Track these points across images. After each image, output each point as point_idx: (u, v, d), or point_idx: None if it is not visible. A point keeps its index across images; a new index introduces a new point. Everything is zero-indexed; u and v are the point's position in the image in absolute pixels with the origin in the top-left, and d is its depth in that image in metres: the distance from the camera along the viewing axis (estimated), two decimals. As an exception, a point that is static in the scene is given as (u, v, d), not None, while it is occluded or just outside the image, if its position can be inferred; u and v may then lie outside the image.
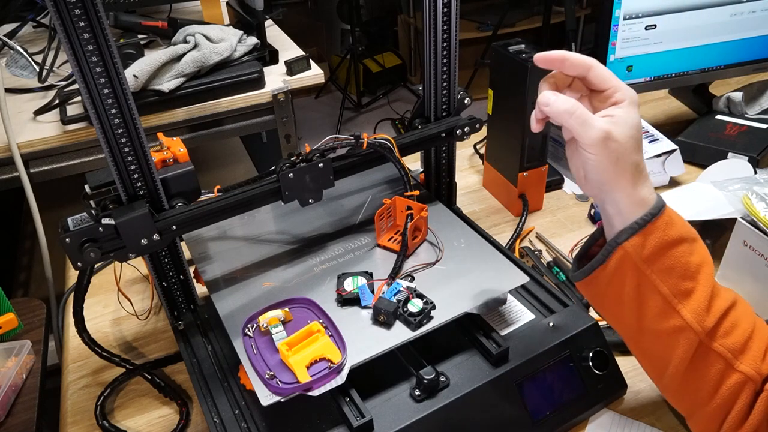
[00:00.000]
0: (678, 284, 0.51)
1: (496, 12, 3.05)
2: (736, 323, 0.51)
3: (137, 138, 0.59)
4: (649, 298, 0.52)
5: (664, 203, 0.52)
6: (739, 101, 1.17)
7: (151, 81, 1.13)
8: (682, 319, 0.51)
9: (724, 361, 0.50)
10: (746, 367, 0.50)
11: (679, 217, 0.53)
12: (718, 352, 0.51)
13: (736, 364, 0.50)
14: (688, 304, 0.51)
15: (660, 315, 0.52)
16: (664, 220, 0.51)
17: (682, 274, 0.51)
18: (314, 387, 0.56)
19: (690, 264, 0.51)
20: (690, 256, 0.51)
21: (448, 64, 0.75)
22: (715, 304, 0.51)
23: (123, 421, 0.71)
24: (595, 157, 0.50)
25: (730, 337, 0.51)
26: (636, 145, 0.51)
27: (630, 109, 0.51)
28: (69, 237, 0.58)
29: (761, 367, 0.50)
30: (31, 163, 1.12)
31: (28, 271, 1.53)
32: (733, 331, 0.51)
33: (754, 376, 0.50)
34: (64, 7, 0.51)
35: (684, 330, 0.51)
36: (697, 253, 0.52)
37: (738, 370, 0.50)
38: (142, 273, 0.91)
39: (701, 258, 0.52)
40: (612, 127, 0.50)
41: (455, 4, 0.71)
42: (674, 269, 0.51)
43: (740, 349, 0.50)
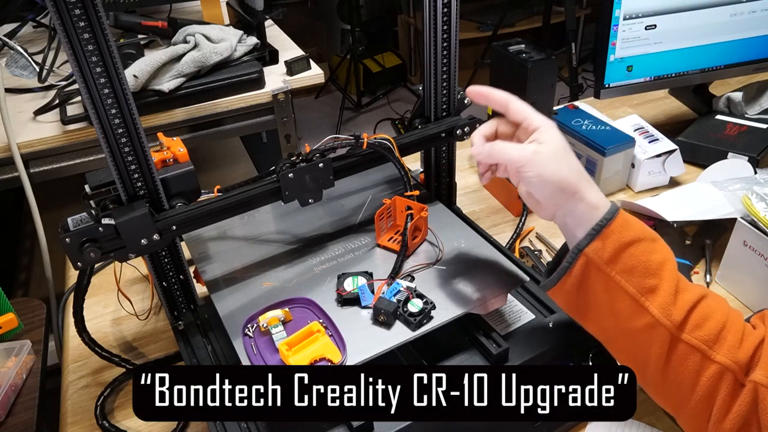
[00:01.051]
0: (642, 282, 0.53)
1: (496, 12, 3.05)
2: (707, 315, 0.53)
3: (137, 138, 0.59)
4: (617, 300, 0.54)
5: (617, 207, 0.56)
6: (739, 101, 1.17)
7: (151, 81, 1.13)
8: (651, 316, 0.52)
9: (699, 353, 0.51)
10: (722, 357, 0.51)
11: (635, 219, 0.56)
12: (692, 344, 0.52)
13: (711, 355, 0.51)
14: (655, 300, 0.53)
15: (631, 315, 0.53)
16: (619, 222, 0.54)
17: (644, 272, 0.53)
18: (314, 387, 0.56)
19: (651, 262, 0.53)
20: (650, 254, 0.54)
21: (448, 64, 0.75)
22: (681, 298, 0.53)
23: (123, 421, 0.71)
24: (533, 172, 0.55)
25: (702, 329, 0.52)
26: (565, 151, 0.56)
27: (549, 130, 0.57)
28: (69, 237, 0.58)
29: (738, 356, 0.51)
30: (31, 163, 1.12)
31: (28, 271, 1.53)
32: (704, 323, 0.52)
33: (730, 365, 0.51)
34: (64, 7, 0.51)
35: (655, 326, 0.52)
36: (658, 251, 0.55)
37: (714, 360, 0.51)
38: (142, 273, 0.91)
39: (662, 256, 0.55)
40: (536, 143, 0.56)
41: (455, 4, 0.71)
42: (636, 268, 0.53)
43: (714, 339, 0.51)
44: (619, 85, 1.10)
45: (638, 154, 1.03)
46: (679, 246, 0.90)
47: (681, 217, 0.88)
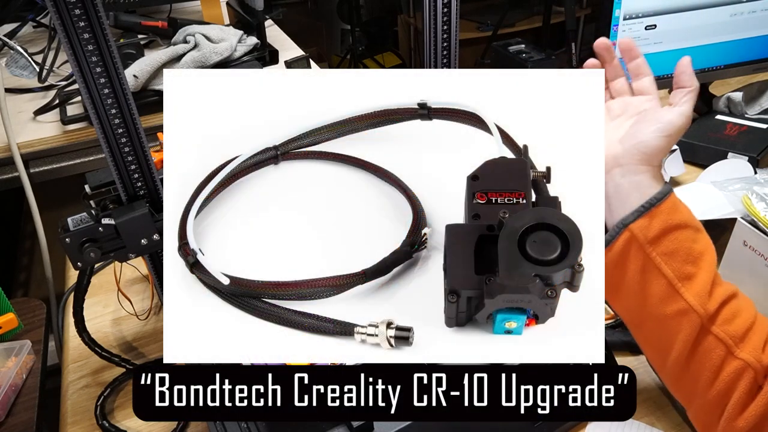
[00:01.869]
0: (681, 267, 0.52)
1: (496, 12, 3.05)
2: (737, 312, 0.52)
3: (137, 138, 0.59)
4: (652, 282, 0.53)
5: (671, 188, 0.54)
6: (739, 101, 1.17)
7: (151, 81, 1.13)
8: (685, 302, 0.51)
9: (724, 347, 0.51)
10: (746, 355, 0.51)
11: (684, 206, 0.55)
12: (720, 337, 0.51)
13: (736, 351, 0.51)
14: (691, 287, 0.52)
15: (663, 299, 0.52)
16: (669, 204, 0.53)
17: (685, 258, 0.52)
18: (314, 387, 0.56)
19: (693, 250, 0.53)
20: (693, 242, 0.53)
21: (448, 64, 0.75)
22: (716, 291, 0.52)
23: (123, 421, 0.71)
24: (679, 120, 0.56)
25: (732, 325, 0.51)
26: None
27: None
28: (69, 237, 0.58)
29: (761, 357, 0.51)
30: (31, 163, 1.12)
31: (28, 271, 1.53)
32: (734, 319, 0.52)
33: (753, 363, 0.50)
34: (64, 7, 0.51)
35: (687, 313, 0.52)
36: (701, 241, 0.54)
37: (738, 357, 0.51)
38: (142, 273, 0.91)
39: (704, 246, 0.54)
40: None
41: (455, 4, 0.71)
42: (677, 252, 0.52)
43: (740, 337, 0.51)
44: (619, 85, 1.10)
45: (638, 154, 1.02)
46: (679, 246, 0.90)
47: (681, 217, 0.88)
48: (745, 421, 0.50)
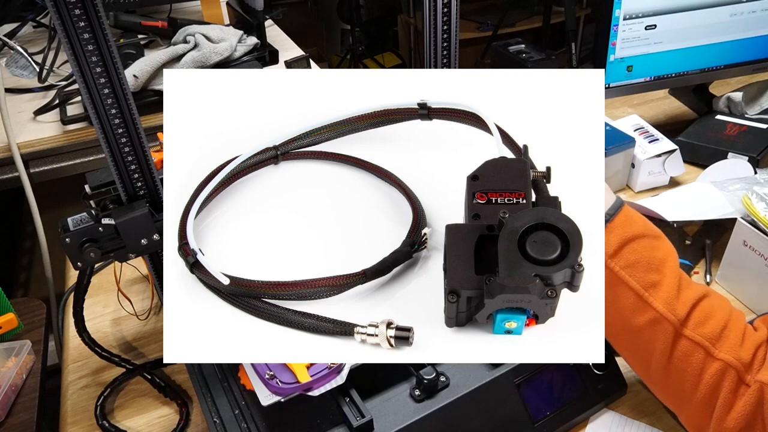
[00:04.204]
0: (645, 277, 0.53)
1: (496, 12, 3.05)
2: (709, 313, 0.53)
3: (137, 138, 0.59)
4: (620, 295, 0.54)
5: (622, 202, 0.56)
6: (739, 101, 1.17)
7: (151, 81, 1.13)
8: (654, 311, 0.52)
9: (702, 350, 0.52)
10: (725, 355, 0.51)
11: (639, 216, 0.57)
12: (695, 341, 0.52)
13: (714, 352, 0.51)
14: (659, 295, 0.53)
15: (634, 310, 0.54)
16: (622, 218, 0.55)
17: (646, 267, 0.54)
18: (314, 387, 0.56)
19: (654, 257, 0.54)
20: (653, 250, 0.54)
21: (448, 64, 0.75)
22: (684, 294, 0.53)
23: (123, 421, 0.71)
24: None
25: (706, 327, 0.52)
26: None
27: None
28: (69, 237, 0.58)
29: (740, 354, 0.51)
30: (31, 163, 1.12)
31: (28, 271, 1.53)
32: (707, 320, 0.52)
33: (733, 362, 0.51)
34: (64, 7, 0.51)
35: (659, 321, 0.52)
36: (661, 248, 0.55)
37: (717, 358, 0.51)
38: (142, 273, 0.91)
39: (665, 253, 0.55)
40: None
41: (455, 4, 0.71)
42: (639, 263, 0.54)
43: (716, 337, 0.52)
44: (619, 85, 1.10)
45: (638, 154, 1.03)
46: (679, 246, 0.90)
47: (681, 217, 0.88)
48: (734, 421, 0.50)
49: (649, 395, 0.70)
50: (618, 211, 0.55)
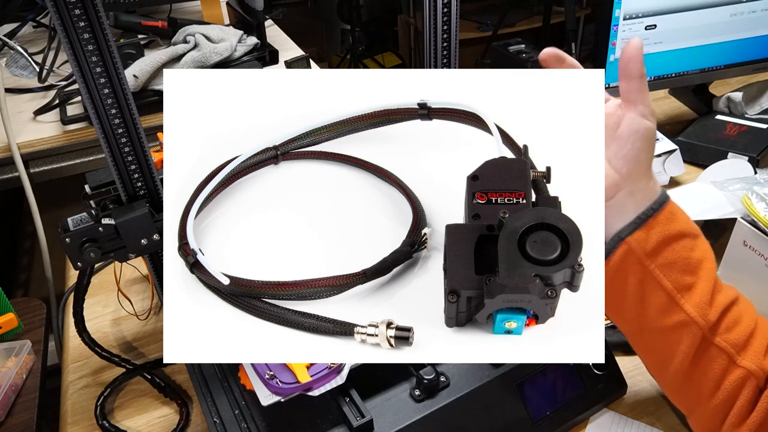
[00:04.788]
0: (680, 278, 0.51)
1: (496, 12, 3.05)
2: (738, 319, 0.51)
3: (137, 138, 0.59)
4: (651, 294, 0.52)
5: (667, 197, 0.53)
6: (739, 101, 1.17)
7: (151, 81, 1.13)
8: (685, 314, 0.51)
9: (726, 356, 0.50)
10: (748, 363, 0.50)
11: (681, 212, 0.54)
12: (721, 347, 0.50)
13: (738, 359, 0.50)
14: (691, 298, 0.51)
15: (663, 311, 0.52)
16: (666, 214, 0.52)
17: (683, 268, 0.51)
18: (314, 387, 0.56)
19: (691, 259, 0.51)
20: (691, 251, 0.52)
21: (448, 64, 0.75)
22: (717, 299, 0.51)
23: (123, 421, 0.71)
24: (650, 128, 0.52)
25: (733, 333, 0.51)
26: None
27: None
28: (69, 237, 0.58)
29: (763, 363, 0.50)
30: (31, 163, 1.12)
31: (28, 271, 1.53)
32: (735, 327, 0.51)
33: (756, 371, 0.50)
34: (64, 7, 0.51)
35: (688, 325, 0.51)
36: (699, 248, 0.53)
37: (740, 365, 0.50)
38: (142, 273, 0.91)
39: (702, 253, 0.53)
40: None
41: (455, 4, 0.71)
42: (676, 263, 0.51)
43: (742, 345, 0.51)
44: (619, 85, 1.10)
45: (638, 154, 1.02)
46: (679, 246, 0.90)
47: (681, 217, 0.88)
48: (748, 428, 0.50)
49: (649, 395, 0.70)
50: (662, 206, 0.52)
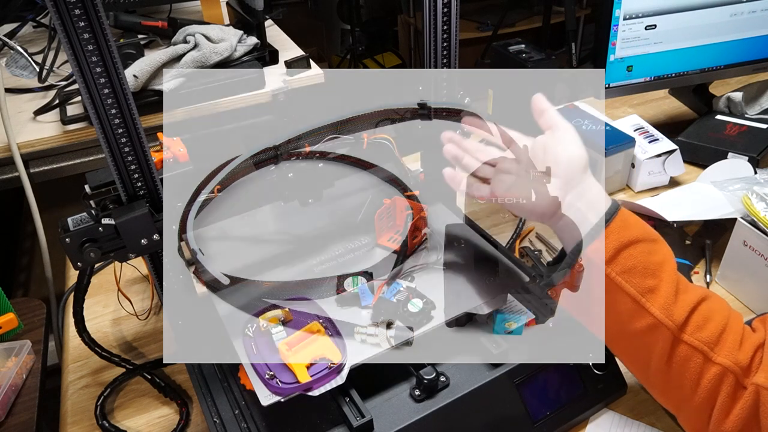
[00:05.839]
0: (642, 282, 0.53)
1: (496, 12, 3.05)
2: (708, 317, 0.53)
3: (137, 138, 0.59)
4: (618, 300, 0.54)
5: (618, 205, 0.55)
6: (739, 101, 1.17)
7: (151, 81, 1.13)
8: (652, 317, 0.52)
9: (701, 354, 0.52)
10: (723, 359, 0.51)
11: (635, 219, 0.56)
12: (694, 345, 0.52)
13: (713, 356, 0.51)
14: (656, 300, 0.52)
15: (631, 315, 0.53)
16: (618, 223, 0.54)
17: (643, 272, 0.53)
18: (314, 387, 0.56)
19: (651, 262, 0.53)
20: (650, 255, 0.54)
21: (448, 64, 0.75)
22: (682, 299, 0.53)
23: (123, 421, 0.71)
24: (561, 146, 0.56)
25: (704, 331, 0.52)
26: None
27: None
28: (69, 237, 0.58)
29: (738, 357, 0.51)
30: (31, 163, 1.12)
31: (28, 271, 1.53)
32: (705, 324, 0.52)
33: (731, 366, 0.51)
34: (64, 7, 0.51)
35: (657, 327, 0.52)
36: (658, 252, 0.55)
37: (716, 362, 0.51)
38: (142, 273, 0.91)
39: (662, 256, 0.55)
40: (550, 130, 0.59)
41: (455, 4, 0.71)
42: (635, 268, 0.53)
43: (715, 341, 0.52)
44: (619, 85, 1.10)
45: (638, 154, 1.03)
46: (679, 246, 0.90)
47: (681, 217, 0.88)
48: (732, 423, 0.50)
49: (649, 395, 0.69)
50: (614, 216, 0.54)
